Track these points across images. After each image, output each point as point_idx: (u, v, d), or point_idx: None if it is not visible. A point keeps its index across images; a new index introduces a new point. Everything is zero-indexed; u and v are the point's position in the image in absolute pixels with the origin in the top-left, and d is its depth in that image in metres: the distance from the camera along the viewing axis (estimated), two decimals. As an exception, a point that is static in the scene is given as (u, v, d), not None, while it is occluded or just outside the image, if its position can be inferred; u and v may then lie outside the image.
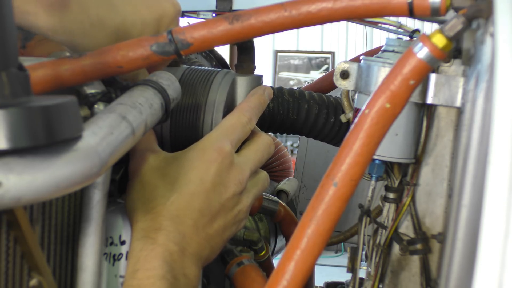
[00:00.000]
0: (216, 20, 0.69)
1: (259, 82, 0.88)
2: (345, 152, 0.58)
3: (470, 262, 0.49)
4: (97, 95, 0.67)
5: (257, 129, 0.84)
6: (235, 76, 0.86)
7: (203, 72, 0.85)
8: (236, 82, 0.86)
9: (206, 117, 0.82)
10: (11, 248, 0.55)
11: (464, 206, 0.61)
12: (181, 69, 0.86)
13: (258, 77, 0.88)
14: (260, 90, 0.86)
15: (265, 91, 0.86)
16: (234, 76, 0.86)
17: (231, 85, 0.84)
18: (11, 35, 0.48)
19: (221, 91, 0.83)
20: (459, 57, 0.80)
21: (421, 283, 0.85)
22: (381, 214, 0.87)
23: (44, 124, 0.47)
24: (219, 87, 0.83)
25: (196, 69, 0.86)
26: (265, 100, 0.85)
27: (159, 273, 0.68)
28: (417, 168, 0.84)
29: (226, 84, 0.83)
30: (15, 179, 0.44)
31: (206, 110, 0.82)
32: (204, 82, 0.84)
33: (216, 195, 0.75)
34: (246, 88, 0.86)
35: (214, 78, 0.84)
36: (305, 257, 0.58)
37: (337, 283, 1.12)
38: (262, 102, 0.84)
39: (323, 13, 0.65)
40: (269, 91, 0.87)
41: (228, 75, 0.85)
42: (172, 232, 0.71)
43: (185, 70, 0.86)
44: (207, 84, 0.83)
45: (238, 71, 0.88)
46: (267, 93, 0.86)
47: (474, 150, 0.60)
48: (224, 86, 0.83)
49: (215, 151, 0.75)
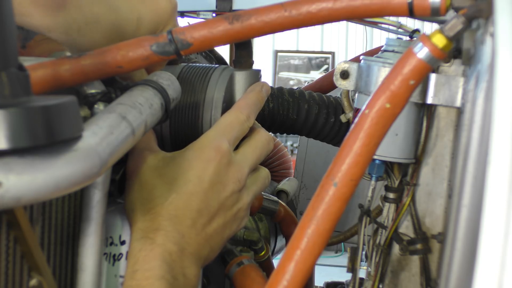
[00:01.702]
0: (216, 20, 0.69)
1: (257, 76, 0.88)
2: (345, 152, 0.58)
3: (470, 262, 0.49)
4: (97, 95, 0.67)
5: (256, 125, 0.84)
6: (233, 71, 0.85)
7: (201, 69, 0.85)
8: (234, 78, 0.85)
9: (205, 114, 0.82)
10: (11, 248, 0.55)
11: (464, 206, 0.61)
12: (179, 67, 0.86)
13: (256, 72, 0.88)
14: (257, 86, 0.85)
15: (262, 88, 0.85)
16: (232, 72, 0.85)
17: (229, 81, 0.84)
18: (11, 35, 0.48)
19: (219, 87, 0.82)
20: (459, 57, 0.80)
21: (421, 283, 0.85)
22: (381, 214, 0.87)
23: (44, 124, 0.47)
24: (217, 83, 0.83)
25: (194, 66, 0.86)
26: (263, 97, 0.85)
27: (158, 273, 0.68)
28: (417, 168, 0.84)
29: (224, 80, 0.83)
30: (15, 179, 0.44)
31: (204, 107, 0.82)
32: (202, 78, 0.83)
33: (214, 194, 0.75)
34: (245, 83, 0.86)
35: (211, 74, 0.84)
36: (305, 257, 0.58)
37: (337, 283, 1.12)
38: (260, 98, 0.84)
39: (323, 13, 0.65)
40: (266, 87, 0.86)
41: (225, 70, 0.85)
42: (171, 232, 0.71)
43: (183, 67, 0.85)
44: (205, 80, 0.83)
45: (236, 66, 0.88)
46: (265, 90, 0.86)
47: (474, 150, 0.60)
48: (222, 82, 0.83)
49: (212, 150, 0.75)
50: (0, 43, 0.47)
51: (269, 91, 0.87)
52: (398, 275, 0.86)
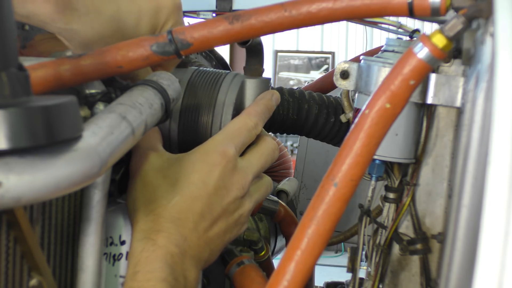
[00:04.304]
0: (216, 20, 0.69)
1: (268, 85, 0.88)
2: (345, 152, 0.58)
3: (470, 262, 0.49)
4: (97, 95, 0.67)
5: (263, 133, 0.84)
6: (244, 78, 0.86)
7: (212, 74, 0.85)
8: (245, 85, 0.86)
9: (215, 119, 0.82)
10: (11, 248, 0.55)
11: (464, 206, 0.61)
12: (190, 70, 0.86)
13: (267, 80, 0.88)
14: (268, 95, 0.86)
15: (273, 96, 0.86)
16: (243, 79, 0.86)
17: (240, 88, 0.84)
18: (11, 35, 0.48)
19: (230, 93, 0.83)
20: (459, 57, 0.80)
21: (421, 283, 0.85)
22: (381, 214, 0.87)
23: (44, 124, 0.47)
24: (228, 89, 0.83)
25: (205, 71, 0.86)
26: (272, 105, 0.85)
27: (160, 275, 0.68)
28: (417, 168, 0.84)
29: (235, 86, 0.84)
30: (15, 179, 0.44)
31: (215, 112, 0.82)
32: (213, 84, 0.84)
33: (218, 198, 0.75)
34: (255, 91, 0.86)
35: (223, 80, 0.84)
36: (306, 258, 0.58)
37: (337, 283, 1.12)
38: (269, 107, 0.84)
39: (323, 13, 0.65)
40: (276, 96, 0.87)
41: (237, 77, 0.85)
42: (173, 235, 0.71)
43: (193, 71, 0.86)
44: (216, 86, 0.83)
45: (247, 73, 0.88)
46: (275, 98, 0.86)
47: (474, 150, 0.60)
48: (233, 88, 0.83)
49: (218, 154, 0.75)
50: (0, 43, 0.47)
51: (279, 100, 0.88)
52: (398, 275, 0.86)
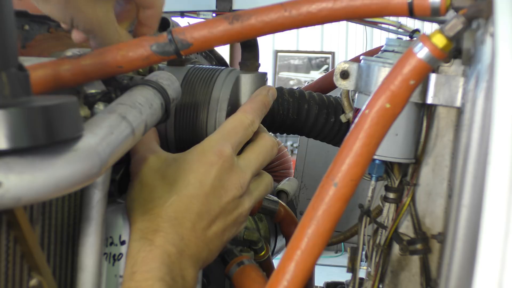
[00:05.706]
0: (216, 20, 0.69)
1: (264, 79, 0.87)
2: (345, 152, 0.58)
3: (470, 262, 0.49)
4: (97, 95, 0.67)
5: (261, 129, 0.83)
6: (239, 74, 0.85)
7: (207, 71, 0.84)
8: (240, 80, 0.84)
9: (210, 116, 0.81)
10: (11, 248, 0.55)
11: (464, 206, 0.61)
12: (185, 68, 0.85)
13: (263, 75, 0.87)
14: (264, 90, 0.84)
15: (269, 92, 0.84)
16: (238, 74, 0.84)
17: (235, 83, 0.83)
18: (11, 35, 0.48)
19: (225, 89, 0.82)
20: (459, 57, 0.80)
21: (421, 283, 0.85)
22: (381, 214, 0.87)
23: (44, 124, 0.47)
24: (222, 85, 0.82)
25: (200, 68, 0.85)
26: (269, 101, 0.84)
27: (157, 275, 0.68)
28: (417, 168, 0.84)
29: (230, 82, 0.82)
30: (15, 179, 0.44)
31: (209, 108, 0.81)
32: (207, 80, 0.83)
33: (215, 198, 0.74)
34: (251, 86, 0.85)
35: (217, 76, 0.83)
36: (306, 258, 0.58)
37: (337, 283, 1.12)
38: (266, 103, 0.83)
39: (323, 13, 0.65)
40: (273, 92, 0.85)
41: (232, 73, 0.84)
42: (170, 234, 0.71)
43: (189, 69, 0.85)
44: (211, 82, 0.82)
45: (242, 69, 0.87)
46: (271, 94, 0.85)
47: (474, 150, 0.60)
48: (228, 84, 0.82)
49: (215, 154, 0.75)
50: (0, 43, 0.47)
51: (275, 95, 0.86)
52: (398, 275, 0.86)
